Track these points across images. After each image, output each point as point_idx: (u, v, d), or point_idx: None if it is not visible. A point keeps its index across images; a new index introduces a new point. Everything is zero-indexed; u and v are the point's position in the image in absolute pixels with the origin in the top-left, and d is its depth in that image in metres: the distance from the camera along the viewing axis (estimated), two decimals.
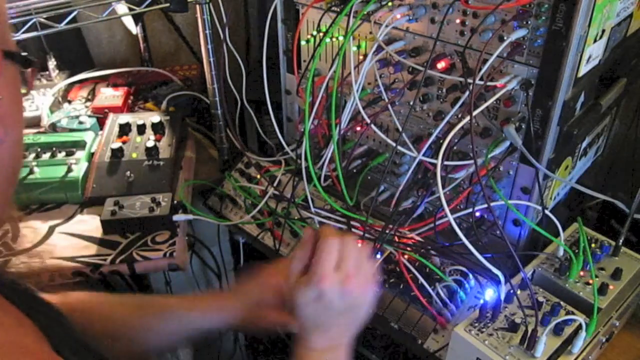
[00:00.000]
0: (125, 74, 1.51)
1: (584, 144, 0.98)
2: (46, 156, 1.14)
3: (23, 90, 0.54)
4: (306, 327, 0.71)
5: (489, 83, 0.79)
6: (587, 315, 0.76)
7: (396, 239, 0.93)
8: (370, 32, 0.91)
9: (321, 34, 1.01)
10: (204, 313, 0.86)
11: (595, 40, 0.78)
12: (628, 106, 1.16)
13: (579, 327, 0.73)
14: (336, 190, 0.97)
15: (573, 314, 0.76)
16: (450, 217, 0.76)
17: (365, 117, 0.90)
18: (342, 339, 0.71)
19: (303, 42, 1.08)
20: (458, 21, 0.83)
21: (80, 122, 1.28)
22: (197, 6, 1.10)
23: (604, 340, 0.78)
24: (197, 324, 0.85)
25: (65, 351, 0.53)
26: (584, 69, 0.79)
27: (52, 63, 1.42)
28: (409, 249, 0.91)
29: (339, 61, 0.88)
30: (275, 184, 1.11)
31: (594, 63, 0.82)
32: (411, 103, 0.94)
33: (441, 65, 0.86)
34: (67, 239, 1.02)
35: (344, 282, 0.66)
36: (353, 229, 0.96)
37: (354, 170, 1.05)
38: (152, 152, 1.15)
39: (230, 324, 0.86)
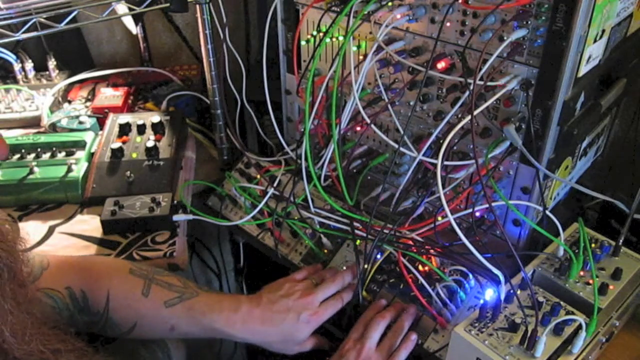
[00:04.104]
0: (125, 74, 1.51)
1: (584, 144, 0.98)
2: (46, 156, 1.14)
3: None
4: None
5: (489, 83, 0.79)
6: (587, 315, 0.76)
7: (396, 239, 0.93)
8: (370, 32, 0.91)
9: (321, 34, 1.01)
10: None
11: (595, 40, 0.78)
12: (628, 106, 1.15)
13: (579, 327, 0.73)
14: (336, 190, 0.97)
15: (573, 314, 0.76)
16: (451, 217, 0.75)
17: (365, 117, 0.90)
18: None
19: (303, 42, 1.08)
20: (458, 21, 0.83)
21: (80, 122, 1.28)
22: (197, 6, 1.10)
23: (604, 340, 0.78)
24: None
25: None
26: (584, 69, 0.79)
27: (52, 63, 1.42)
28: (409, 249, 0.91)
29: (339, 61, 0.88)
30: (275, 184, 1.11)
31: (594, 63, 0.82)
32: (411, 103, 0.94)
33: (441, 65, 0.86)
34: (67, 239, 1.02)
35: (359, 352, 0.84)
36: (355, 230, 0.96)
37: (354, 170, 1.05)
38: (152, 152, 1.15)
39: None
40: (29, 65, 1.41)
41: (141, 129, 1.21)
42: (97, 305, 0.82)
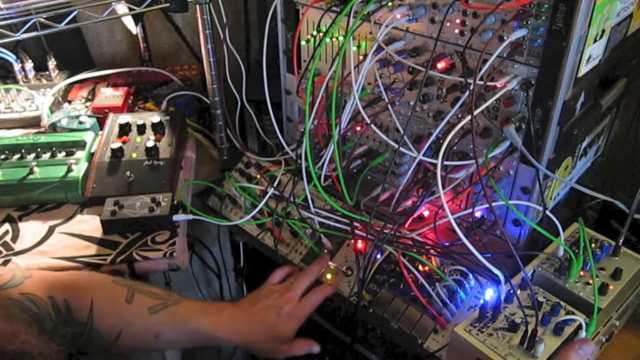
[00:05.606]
0: (125, 74, 1.51)
1: (584, 144, 0.98)
2: (46, 156, 1.13)
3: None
4: None
5: (489, 83, 0.79)
6: (587, 315, 0.76)
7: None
8: (370, 32, 0.91)
9: (321, 34, 1.01)
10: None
11: (595, 40, 0.78)
12: (628, 106, 1.16)
13: (579, 327, 0.73)
14: (336, 190, 0.97)
15: (573, 314, 0.76)
16: (451, 217, 0.75)
17: (365, 117, 0.90)
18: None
19: (303, 42, 1.08)
20: (458, 21, 0.83)
21: (80, 122, 1.28)
22: (197, 6, 1.10)
23: (604, 340, 0.78)
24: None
25: None
26: (584, 69, 0.79)
27: (52, 63, 1.42)
28: (409, 249, 0.91)
29: (339, 61, 0.88)
30: (275, 184, 1.11)
31: (594, 63, 0.82)
32: (411, 103, 0.94)
33: (441, 65, 0.86)
34: (67, 239, 1.02)
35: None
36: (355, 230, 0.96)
37: (354, 170, 1.05)
38: (152, 152, 1.15)
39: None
40: (29, 65, 1.41)
41: (141, 129, 1.21)
42: (80, 314, 0.82)
